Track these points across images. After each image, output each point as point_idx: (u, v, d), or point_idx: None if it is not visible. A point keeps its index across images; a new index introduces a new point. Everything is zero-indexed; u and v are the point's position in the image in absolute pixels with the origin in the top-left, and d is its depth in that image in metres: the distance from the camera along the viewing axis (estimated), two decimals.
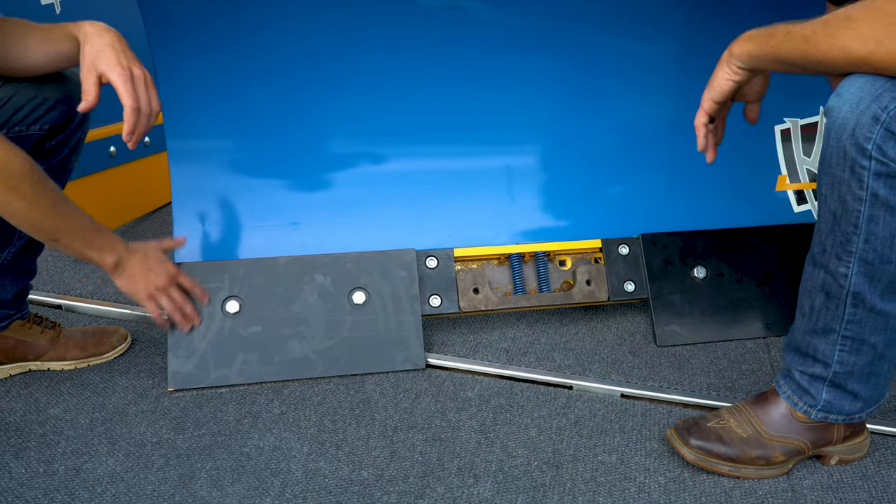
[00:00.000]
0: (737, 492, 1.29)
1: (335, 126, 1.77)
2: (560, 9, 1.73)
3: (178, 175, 1.73)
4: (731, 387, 1.60)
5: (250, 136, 1.75)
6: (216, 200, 1.74)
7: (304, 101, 1.74)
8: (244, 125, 1.74)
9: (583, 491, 1.31)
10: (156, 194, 2.60)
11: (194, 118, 1.71)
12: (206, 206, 1.74)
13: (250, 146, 1.75)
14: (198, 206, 1.73)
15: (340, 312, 1.68)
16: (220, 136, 1.74)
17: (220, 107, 1.72)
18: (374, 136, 1.79)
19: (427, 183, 1.82)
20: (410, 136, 1.80)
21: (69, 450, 1.40)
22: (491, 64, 1.77)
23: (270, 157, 1.76)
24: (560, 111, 1.84)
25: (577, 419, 1.50)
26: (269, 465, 1.37)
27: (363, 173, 1.80)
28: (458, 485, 1.32)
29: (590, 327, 1.84)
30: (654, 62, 1.83)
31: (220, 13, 1.64)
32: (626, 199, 1.87)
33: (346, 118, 1.77)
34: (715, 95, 1.32)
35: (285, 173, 1.77)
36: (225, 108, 1.72)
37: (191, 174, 1.73)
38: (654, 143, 1.88)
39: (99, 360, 1.67)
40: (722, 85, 1.31)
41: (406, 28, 1.71)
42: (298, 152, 1.77)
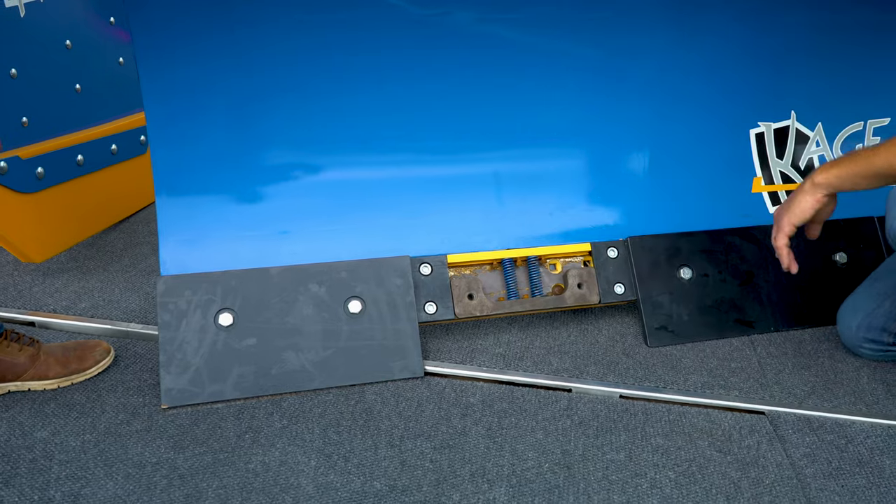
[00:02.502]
0: (745, 482, 1.33)
1: (323, 134, 1.74)
2: (550, 20, 1.76)
3: (163, 186, 1.67)
4: (724, 384, 1.65)
5: (238, 145, 1.71)
6: (204, 210, 1.70)
7: (292, 109, 1.71)
8: (231, 135, 1.70)
9: (597, 490, 1.32)
10: (123, 204, 2.51)
11: (180, 128, 1.66)
12: (194, 216, 1.69)
13: (238, 156, 1.71)
14: (185, 217, 1.68)
15: (336, 322, 1.65)
16: (206, 146, 1.69)
17: (207, 116, 1.67)
18: (364, 144, 1.77)
19: (417, 189, 1.82)
20: (399, 143, 1.79)
21: (63, 474, 1.34)
22: (479, 73, 1.78)
23: (259, 166, 1.72)
24: (547, 118, 1.86)
25: (580, 420, 1.52)
26: (277, 481, 1.34)
27: (353, 181, 1.78)
28: (472, 491, 1.32)
29: (581, 329, 1.87)
30: (639, 76, 1.87)
31: (208, 24, 1.60)
32: (614, 203, 1.91)
33: (333, 127, 1.75)
34: (796, 220, 1.54)
35: (275, 182, 1.74)
36: (211, 118, 1.68)
37: (177, 185, 1.68)
38: (640, 149, 1.92)
39: (83, 377, 1.59)
40: (806, 211, 1.53)
41: (396, 39, 1.70)
42: (288, 160, 1.74)
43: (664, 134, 1.93)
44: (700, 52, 1.91)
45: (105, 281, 2.05)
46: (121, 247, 2.29)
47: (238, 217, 1.72)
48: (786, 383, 1.65)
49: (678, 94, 1.91)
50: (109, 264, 2.16)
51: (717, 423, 1.52)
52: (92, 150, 2.24)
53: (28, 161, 1.96)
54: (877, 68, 2.03)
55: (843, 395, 1.62)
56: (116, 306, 1.92)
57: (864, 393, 1.62)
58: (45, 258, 2.04)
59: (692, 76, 1.90)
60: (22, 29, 2.00)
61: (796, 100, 2.01)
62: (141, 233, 2.40)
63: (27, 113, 2.01)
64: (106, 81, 2.39)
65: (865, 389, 1.63)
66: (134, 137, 2.48)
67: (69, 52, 2.19)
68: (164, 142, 1.66)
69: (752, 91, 1.97)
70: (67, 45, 2.18)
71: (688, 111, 1.92)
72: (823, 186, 1.51)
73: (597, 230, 1.89)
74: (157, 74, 1.62)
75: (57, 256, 2.17)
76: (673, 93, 1.90)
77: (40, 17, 2.06)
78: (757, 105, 1.99)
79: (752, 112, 1.99)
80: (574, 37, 1.79)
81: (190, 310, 1.59)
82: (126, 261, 2.19)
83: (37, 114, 2.05)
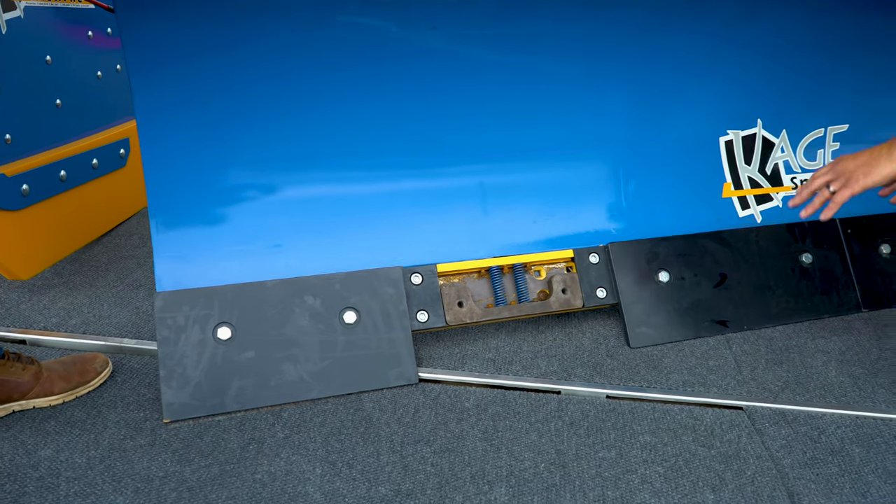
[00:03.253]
0: (728, 474, 1.42)
1: (314, 150, 1.79)
2: (530, 39, 1.84)
3: (157, 203, 1.69)
4: (704, 382, 1.74)
5: (230, 162, 1.74)
6: (198, 227, 1.72)
7: (284, 126, 1.75)
8: (223, 152, 1.73)
9: (591, 487, 1.39)
10: (105, 217, 2.51)
11: (173, 146, 1.69)
12: (188, 233, 1.71)
13: (230, 173, 1.74)
14: (179, 234, 1.71)
15: (332, 333, 1.70)
16: (198, 164, 1.72)
17: (199, 134, 1.70)
18: (353, 160, 1.82)
19: (406, 202, 1.87)
20: (388, 158, 1.85)
21: (73, 491, 1.36)
22: (464, 91, 1.85)
23: (251, 182, 1.76)
24: (528, 132, 1.93)
25: (571, 420, 1.59)
26: (285, 490, 1.38)
27: (344, 195, 1.83)
28: (474, 492, 1.38)
29: (566, 333, 1.94)
30: (615, 90, 1.96)
31: (200, 44, 1.64)
32: (594, 211, 1.99)
33: (324, 143, 1.79)
34: (870, 184, 1.47)
35: (267, 197, 1.77)
36: (203, 136, 1.71)
37: (170, 202, 1.70)
38: (617, 159, 2.01)
39: (86, 389, 1.62)
40: (885, 175, 1.46)
41: (385, 60, 1.77)
42: (280, 176, 1.78)
43: (640, 144, 2.02)
44: (672, 67, 2.01)
45: (93, 297, 2.06)
46: (105, 261, 2.29)
47: (231, 232, 1.75)
48: (761, 379, 1.75)
49: (652, 107, 2.00)
50: (96, 279, 2.16)
51: (699, 419, 1.60)
52: (74, 165, 2.24)
53: (14, 178, 1.96)
54: (835, 78, 2.14)
55: (814, 388, 1.72)
56: (107, 322, 1.93)
57: (833, 386, 1.73)
58: (31, 275, 2.04)
59: (665, 89, 2.00)
60: (4, 45, 2.00)
61: (762, 109, 2.12)
62: (124, 246, 2.41)
63: (10, 130, 2.01)
64: (85, 95, 2.39)
65: (834, 383, 1.74)
66: (114, 151, 2.48)
67: (49, 68, 2.19)
68: (158, 160, 1.68)
69: (721, 102, 2.07)
70: (48, 60, 2.18)
71: (662, 122, 2.02)
72: None
73: (579, 237, 1.97)
74: (149, 94, 1.64)
75: (42, 273, 2.17)
76: (647, 106, 1.99)
77: (21, 33, 2.06)
78: (725, 115, 2.09)
79: (721, 121, 2.10)
80: (553, 55, 1.87)
81: (188, 325, 1.62)
82: (112, 275, 2.19)
83: (20, 130, 2.05)
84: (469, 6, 1.75)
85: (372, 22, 1.71)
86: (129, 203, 2.67)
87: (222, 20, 1.63)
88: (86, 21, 2.41)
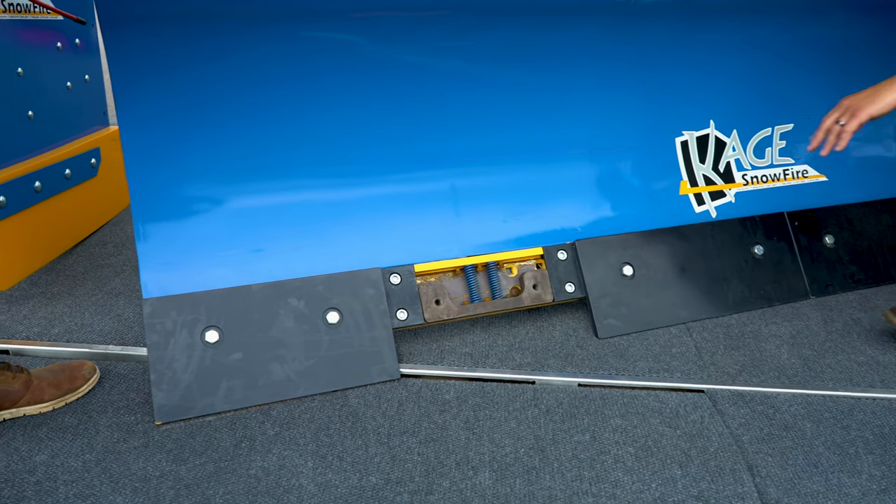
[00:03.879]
0: (693, 451, 1.53)
1: (294, 158, 1.85)
2: (495, 50, 1.95)
3: (141, 211, 1.73)
4: (668, 368, 1.86)
5: (211, 170, 1.79)
6: (182, 234, 1.77)
7: (263, 135, 1.82)
8: (204, 160, 1.78)
9: (568, 468, 1.49)
10: (79, 227, 2.53)
11: (155, 156, 1.73)
12: (173, 240, 1.76)
13: (212, 181, 1.80)
14: (164, 241, 1.75)
15: (317, 333, 1.77)
16: (181, 172, 1.76)
17: (180, 144, 1.75)
18: (331, 167, 1.89)
19: (382, 206, 1.94)
20: (365, 165, 1.92)
21: (72, 493, 1.40)
22: (435, 99, 1.95)
23: (233, 190, 1.81)
24: (496, 136, 2.03)
25: (547, 408, 1.69)
26: (280, 484, 1.44)
27: (323, 201, 1.89)
28: (460, 478, 1.47)
29: (537, 327, 2.04)
30: (578, 96, 2.08)
31: (181, 56, 1.69)
32: (561, 210, 2.10)
33: (303, 151, 1.86)
34: (875, 112, 1.59)
35: (249, 204, 1.83)
36: (185, 145, 1.76)
37: (154, 210, 1.74)
38: (581, 160, 2.13)
39: (76, 396, 1.65)
40: (888, 103, 1.57)
41: (361, 73, 1.86)
42: (260, 183, 1.83)
43: (602, 146, 2.14)
44: (630, 75, 2.14)
45: (73, 305, 2.09)
46: (82, 270, 2.31)
47: (214, 239, 1.80)
48: (720, 364, 1.88)
49: (613, 111, 2.12)
50: (74, 288, 2.18)
51: (665, 402, 1.72)
52: (48, 176, 2.26)
53: None
54: (779, 82, 2.30)
55: (769, 370, 1.85)
56: (90, 329, 1.96)
57: (786, 368, 1.86)
58: (9, 286, 2.06)
59: (624, 94, 2.12)
60: None
61: (714, 111, 2.26)
62: (99, 255, 2.43)
63: None
64: (56, 106, 2.41)
65: (786, 364, 1.88)
66: (85, 161, 2.50)
67: (21, 80, 2.20)
68: (141, 170, 1.72)
69: (676, 105, 2.20)
70: (19, 72, 2.19)
71: (622, 125, 2.14)
72: None
73: (547, 235, 2.07)
74: (132, 105, 1.69)
75: (18, 283, 2.18)
76: (609, 109, 2.11)
77: None
78: (680, 117, 2.23)
79: (677, 123, 2.23)
80: (519, 65, 1.99)
81: (177, 329, 1.67)
82: (90, 284, 2.22)
83: None
84: (439, 21, 1.84)
85: (346, 37, 1.79)
86: (102, 212, 2.69)
87: (203, 33, 1.68)
88: (55, 32, 2.43)
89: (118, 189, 2.78)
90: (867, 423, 1.64)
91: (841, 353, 1.92)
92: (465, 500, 1.40)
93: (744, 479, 1.45)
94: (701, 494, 1.41)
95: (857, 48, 2.36)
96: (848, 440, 1.58)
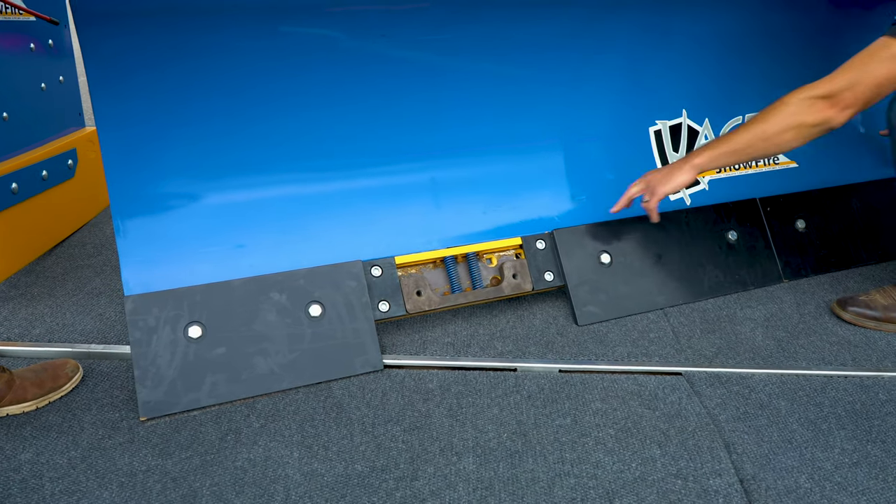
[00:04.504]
0: (672, 431, 1.57)
1: (273, 153, 1.87)
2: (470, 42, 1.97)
3: (120, 209, 1.73)
4: (646, 352, 1.89)
5: (190, 167, 1.80)
6: (162, 231, 1.77)
7: (241, 131, 1.82)
8: (183, 157, 1.79)
9: (550, 451, 1.52)
10: (56, 229, 2.52)
11: (134, 154, 1.73)
12: (153, 237, 1.76)
13: (191, 177, 1.80)
14: (144, 238, 1.75)
15: (299, 326, 1.78)
16: (159, 169, 1.77)
17: (159, 142, 1.76)
18: (311, 161, 1.91)
19: (362, 199, 1.96)
20: (344, 158, 1.94)
21: (58, 490, 1.40)
22: (412, 92, 1.96)
23: (213, 186, 1.82)
24: (474, 128, 2.06)
25: (528, 394, 1.72)
26: (266, 474, 1.46)
27: (303, 195, 1.91)
28: (444, 463, 1.49)
29: (518, 315, 2.07)
30: (553, 88, 2.11)
31: (158, 54, 1.69)
32: (539, 200, 2.13)
33: (282, 146, 1.87)
34: (669, 190, 1.87)
35: (228, 200, 1.84)
36: (163, 143, 1.76)
37: (134, 208, 1.74)
38: (558, 151, 2.16)
39: (59, 394, 1.65)
40: (681, 185, 1.87)
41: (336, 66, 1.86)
42: (240, 179, 1.84)
43: (578, 137, 2.17)
44: (604, 65, 2.17)
45: (53, 306, 2.08)
46: (61, 271, 2.30)
47: (195, 235, 1.80)
48: (696, 347, 1.92)
49: (588, 102, 2.16)
50: (54, 289, 2.18)
51: (643, 385, 1.75)
52: (25, 178, 2.25)
53: None
54: (749, 69, 2.34)
55: (744, 352, 1.90)
56: (72, 329, 1.96)
57: (760, 349, 1.91)
58: None
59: (599, 87, 2.16)
60: None
61: (686, 100, 2.30)
62: (78, 256, 2.42)
63: None
64: (31, 108, 2.40)
65: (761, 346, 1.92)
66: (62, 162, 2.49)
67: None
68: (119, 167, 1.72)
69: (650, 94, 2.24)
70: None
71: (596, 116, 2.18)
72: (699, 167, 1.84)
73: (525, 225, 2.10)
74: (109, 103, 1.69)
75: None
76: (584, 101, 2.15)
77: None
78: (654, 106, 2.26)
79: (650, 112, 2.27)
80: (495, 58, 2.00)
81: (159, 325, 1.68)
82: (70, 285, 2.21)
83: None
84: (416, 14, 1.86)
85: (324, 32, 1.81)
86: (80, 213, 2.68)
87: (180, 29, 1.69)
88: (27, 33, 2.41)
89: (96, 190, 2.77)
90: (839, 399, 1.69)
91: (813, 333, 1.97)
92: (450, 485, 1.43)
93: (721, 457, 1.49)
94: (680, 472, 1.45)
95: (826, 37, 2.41)
96: (821, 416, 1.63)
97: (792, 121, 1.71)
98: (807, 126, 1.71)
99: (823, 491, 1.39)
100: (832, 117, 1.69)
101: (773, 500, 1.37)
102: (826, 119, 1.69)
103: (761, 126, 1.75)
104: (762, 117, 1.76)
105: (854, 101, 1.67)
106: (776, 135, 1.73)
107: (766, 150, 1.77)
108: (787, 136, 1.73)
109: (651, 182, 1.91)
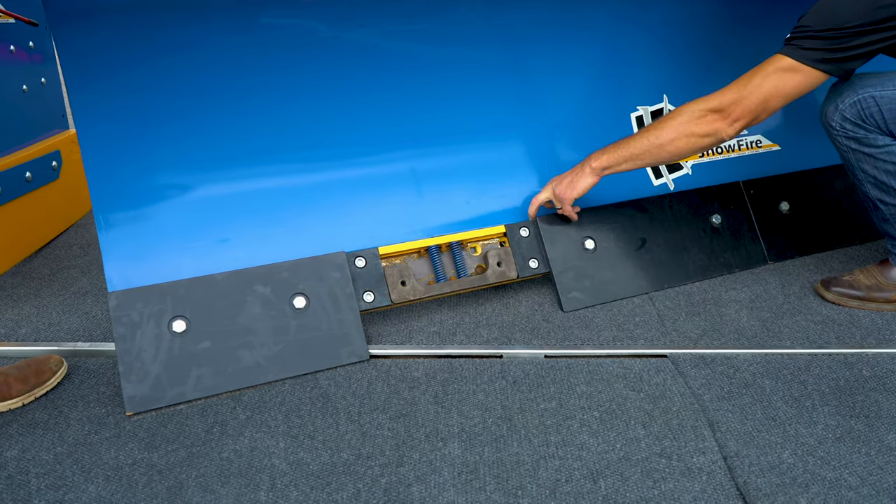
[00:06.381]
0: (656, 412, 1.58)
1: (254, 146, 1.87)
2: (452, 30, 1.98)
3: (102, 206, 1.74)
4: (631, 336, 1.90)
5: (172, 161, 1.80)
6: (145, 226, 1.77)
7: (222, 124, 1.83)
8: (164, 152, 1.79)
9: (535, 434, 1.53)
10: (41, 230, 2.51)
11: (113, 150, 1.74)
12: (135, 233, 1.76)
13: (173, 172, 1.81)
14: (126, 234, 1.75)
15: (284, 318, 1.78)
16: (140, 165, 1.77)
17: (139, 137, 1.76)
18: (292, 153, 1.91)
19: (345, 190, 1.97)
20: (325, 150, 1.94)
21: (44, 485, 1.41)
22: (393, 82, 1.97)
23: (194, 180, 1.82)
24: (456, 117, 2.07)
25: (514, 380, 1.73)
26: (252, 464, 1.46)
27: (285, 187, 1.91)
28: (429, 449, 1.49)
29: (503, 303, 2.08)
30: (536, 75, 2.12)
31: (135, 49, 1.70)
32: (523, 187, 2.14)
33: (263, 139, 1.88)
34: (575, 196, 1.95)
35: (210, 194, 1.84)
36: (143, 138, 1.77)
37: (115, 204, 1.75)
38: (541, 138, 2.17)
39: (44, 389, 1.66)
40: (586, 190, 1.93)
41: (317, 57, 1.87)
42: (222, 173, 1.85)
43: (561, 122, 2.18)
44: (585, 52, 2.18)
45: (39, 307, 2.08)
46: (47, 272, 2.30)
47: (177, 230, 1.81)
48: (681, 329, 1.93)
49: (570, 89, 2.17)
50: (40, 290, 2.18)
51: (628, 368, 1.76)
52: (8, 180, 2.25)
53: None
54: (726, 56, 2.35)
55: (728, 333, 1.90)
56: (58, 329, 1.96)
57: (745, 329, 1.92)
58: None
59: (581, 71, 2.17)
60: None
61: (667, 85, 2.31)
62: (65, 257, 2.42)
63: None
64: (13, 110, 2.39)
65: (745, 327, 1.93)
66: (46, 164, 2.49)
67: None
68: (99, 163, 1.73)
69: (631, 80, 2.25)
70: None
71: (579, 102, 2.18)
72: (598, 171, 1.90)
73: (509, 213, 2.10)
74: (87, 100, 1.69)
75: None
76: (565, 88, 2.16)
77: None
78: (635, 92, 2.27)
79: (632, 98, 2.28)
80: (476, 46, 2.01)
81: (143, 321, 1.68)
82: (56, 285, 2.21)
83: None
84: (394, 4, 1.87)
85: (303, 23, 1.81)
86: (65, 215, 2.67)
87: (156, 25, 1.69)
88: (7, 36, 2.41)
89: (81, 192, 2.77)
90: (823, 377, 1.70)
91: (798, 314, 1.98)
92: (435, 470, 1.43)
93: (705, 435, 1.50)
94: (664, 451, 1.46)
95: None
96: (805, 394, 1.63)
97: (683, 129, 1.78)
98: (697, 136, 1.78)
99: (806, 465, 1.40)
100: (721, 129, 1.76)
101: (757, 476, 1.37)
102: (715, 130, 1.77)
103: (656, 133, 1.81)
104: (658, 125, 1.82)
105: (742, 115, 1.74)
106: (669, 143, 1.80)
107: (660, 156, 1.83)
108: (680, 144, 1.80)
109: (558, 191, 1.98)
